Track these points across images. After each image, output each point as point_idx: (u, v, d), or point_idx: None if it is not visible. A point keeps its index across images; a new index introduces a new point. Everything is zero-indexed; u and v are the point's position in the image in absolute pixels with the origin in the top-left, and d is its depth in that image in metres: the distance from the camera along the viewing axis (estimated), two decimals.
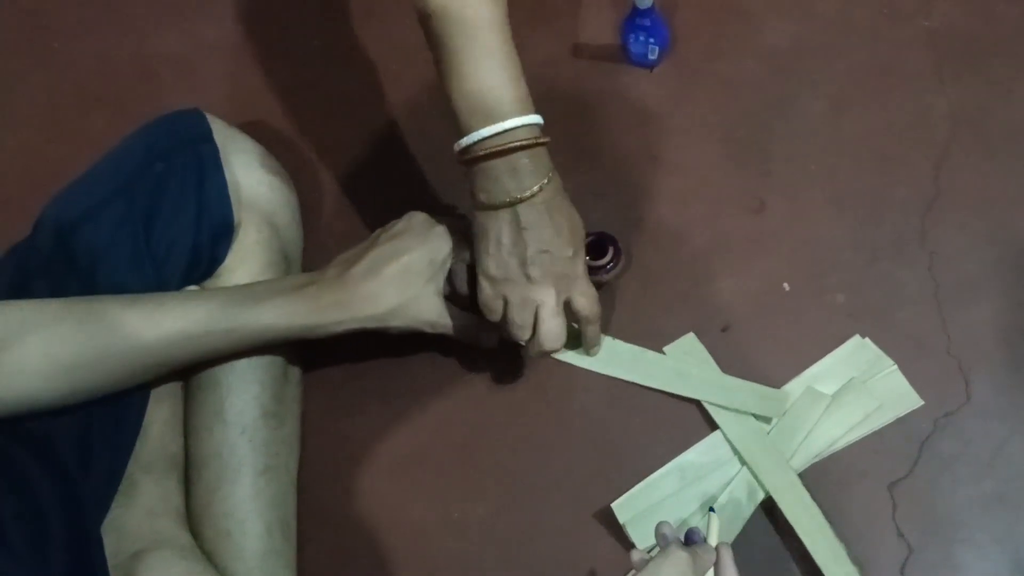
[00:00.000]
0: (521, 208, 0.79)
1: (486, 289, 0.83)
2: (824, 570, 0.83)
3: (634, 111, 1.04)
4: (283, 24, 1.14)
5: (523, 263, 0.80)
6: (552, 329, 0.83)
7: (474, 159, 0.78)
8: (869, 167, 0.99)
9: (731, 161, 1.00)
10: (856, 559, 0.83)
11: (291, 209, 0.95)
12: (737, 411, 0.89)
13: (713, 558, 0.75)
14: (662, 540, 0.75)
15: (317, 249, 0.98)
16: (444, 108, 0.79)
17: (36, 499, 0.77)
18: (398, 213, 0.89)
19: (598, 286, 0.94)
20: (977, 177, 0.97)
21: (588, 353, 0.92)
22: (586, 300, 0.85)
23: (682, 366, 0.92)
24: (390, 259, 0.85)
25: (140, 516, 0.82)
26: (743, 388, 0.91)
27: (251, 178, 0.91)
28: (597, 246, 0.94)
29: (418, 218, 0.88)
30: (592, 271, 0.93)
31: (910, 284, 0.94)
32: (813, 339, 0.92)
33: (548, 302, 0.82)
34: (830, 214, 0.97)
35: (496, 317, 0.84)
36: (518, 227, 0.79)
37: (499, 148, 0.77)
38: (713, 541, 0.79)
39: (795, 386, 0.91)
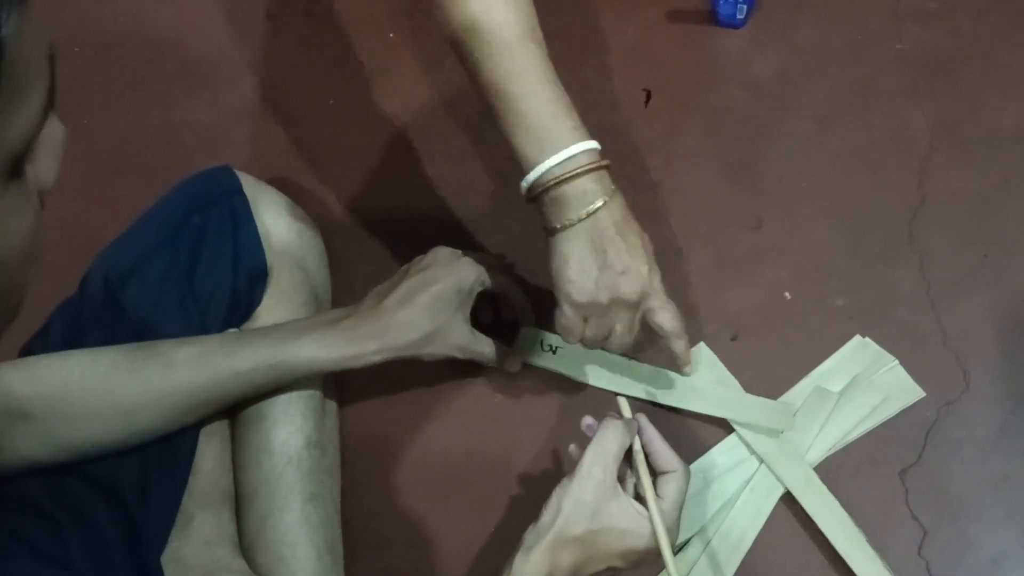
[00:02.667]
0: (595, 226, 0.82)
1: (568, 314, 0.84)
2: (845, 557, 0.88)
3: (633, 144, 1.11)
4: (299, 87, 1.22)
5: (606, 287, 0.82)
6: (622, 347, 0.87)
7: (543, 191, 0.82)
8: (857, 180, 1.06)
9: (727, 183, 1.07)
10: (875, 544, 0.88)
11: (319, 253, 1.02)
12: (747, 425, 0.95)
13: (636, 424, 0.81)
14: (589, 429, 0.82)
15: (344, 289, 1.04)
16: (486, 147, 0.85)
17: (101, 532, 0.82)
18: (415, 252, 0.96)
19: None
20: (957, 182, 1.04)
21: (681, 372, 0.92)
22: (668, 314, 0.86)
23: (697, 383, 0.98)
24: (421, 289, 0.90)
25: (197, 546, 0.87)
26: (752, 404, 0.96)
27: (280, 226, 0.98)
28: None
29: (443, 251, 0.94)
30: None
31: (903, 285, 1.00)
32: (817, 342, 0.98)
33: (624, 321, 0.85)
34: (824, 225, 1.04)
35: (575, 340, 0.86)
36: (595, 249, 0.82)
37: (567, 175, 0.81)
38: (627, 414, 0.83)
39: (804, 386, 0.97)
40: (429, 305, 0.90)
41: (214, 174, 0.98)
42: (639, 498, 0.79)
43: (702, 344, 1.00)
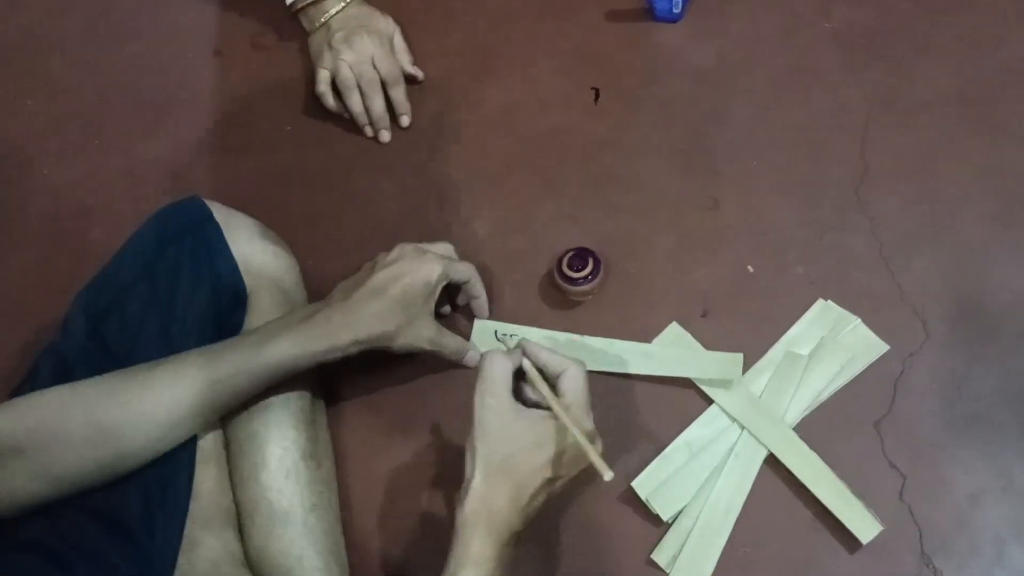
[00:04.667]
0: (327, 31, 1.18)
1: (320, 78, 1.19)
2: (831, 508, 0.91)
3: (587, 140, 1.15)
4: (255, 116, 1.24)
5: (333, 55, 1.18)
6: (387, 67, 1.21)
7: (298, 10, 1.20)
8: (803, 155, 1.11)
9: (681, 170, 1.12)
10: (857, 493, 0.92)
11: (294, 272, 1.04)
12: (700, 379, 0.99)
13: (519, 350, 0.86)
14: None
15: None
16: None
17: (110, 565, 0.83)
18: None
19: (584, 296, 1.05)
20: (897, 147, 1.10)
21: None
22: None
23: (649, 348, 1.02)
24: (391, 282, 0.93)
25: (205, 568, 0.88)
26: (701, 359, 1.00)
27: (255, 249, 1.00)
28: (578, 259, 1.04)
29: (408, 247, 0.97)
30: (576, 282, 1.03)
31: (858, 248, 1.05)
32: (783, 309, 1.02)
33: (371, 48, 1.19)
34: (777, 200, 1.09)
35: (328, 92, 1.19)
36: (328, 45, 1.18)
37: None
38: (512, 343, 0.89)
39: (775, 352, 1.01)
40: (399, 298, 0.93)
41: (184, 205, 1.00)
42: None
43: (674, 323, 1.03)
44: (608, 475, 0.78)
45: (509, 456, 0.80)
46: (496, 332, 1.04)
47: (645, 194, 1.11)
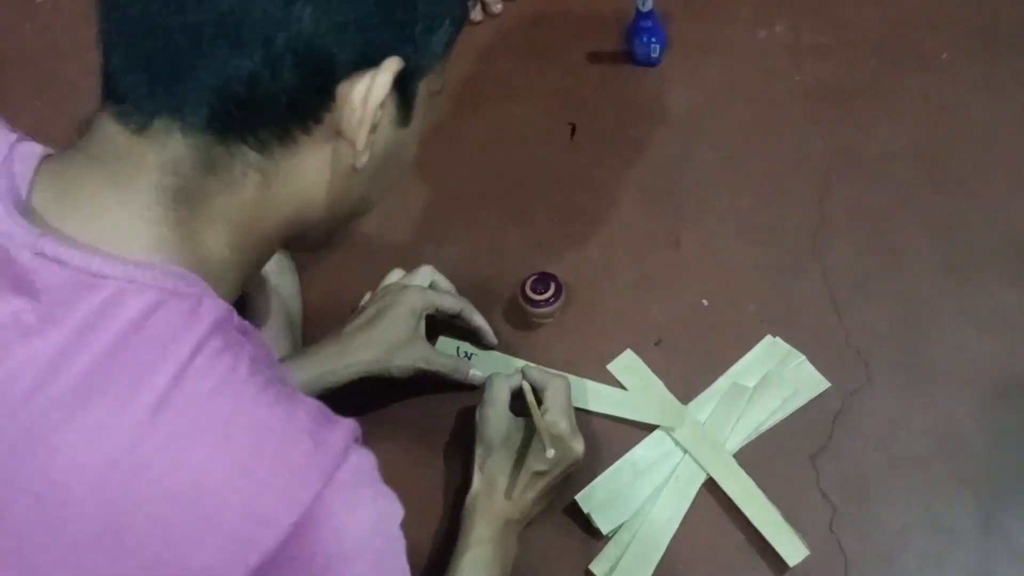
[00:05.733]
0: None
1: None
2: (763, 532, 0.96)
3: (560, 175, 1.21)
4: None
5: None
6: None
7: None
8: (764, 201, 1.16)
9: (647, 207, 1.18)
10: (789, 520, 0.96)
11: (293, 279, 1.11)
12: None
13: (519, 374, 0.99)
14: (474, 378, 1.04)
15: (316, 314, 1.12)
16: None
17: None
18: (371, 273, 1.08)
19: (545, 318, 1.10)
20: (854, 200, 1.15)
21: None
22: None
23: (601, 388, 1.07)
24: (377, 315, 1.02)
25: None
26: (648, 404, 1.05)
27: None
28: (541, 283, 1.09)
29: (394, 285, 1.06)
30: (538, 304, 1.08)
31: (809, 291, 1.10)
32: (732, 343, 1.07)
33: None
34: (736, 242, 1.14)
35: None
36: None
37: None
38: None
39: (721, 383, 1.05)
40: (384, 327, 1.01)
41: None
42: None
43: (629, 350, 1.09)
44: (550, 452, 0.91)
45: (502, 456, 0.95)
46: (458, 349, 1.09)
47: (611, 228, 1.16)
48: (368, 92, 0.59)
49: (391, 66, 0.59)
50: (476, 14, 1.33)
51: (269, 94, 0.56)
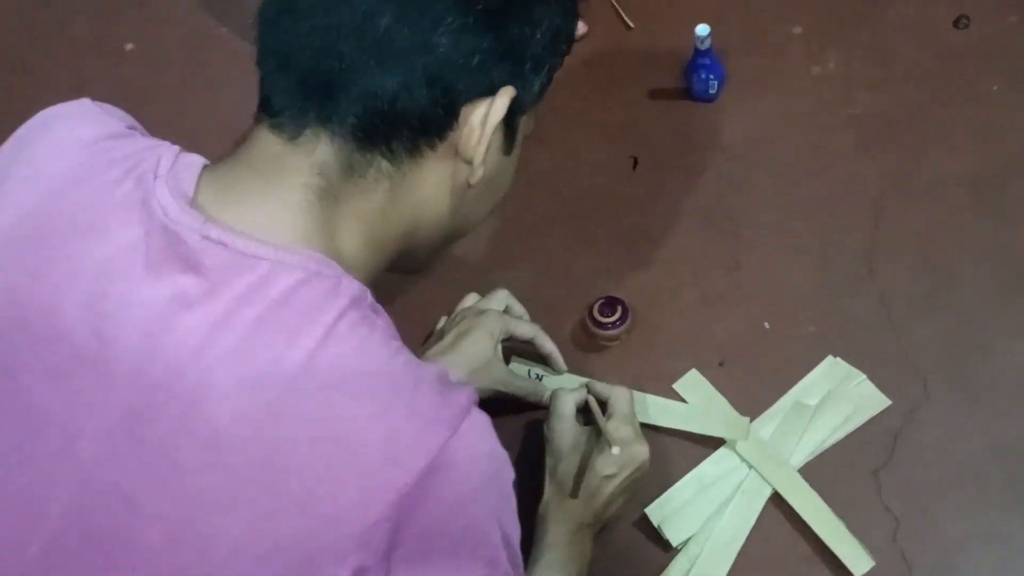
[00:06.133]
0: None
1: None
2: (830, 545, 1.00)
3: (623, 202, 1.27)
4: None
5: None
6: None
7: None
8: (820, 225, 1.21)
9: (707, 232, 1.23)
10: (854, 532, 1.00)
11: None
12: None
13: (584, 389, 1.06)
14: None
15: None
16: None
17: None
18: (447, 295, 1.15)
19: (612, 340, 1.15)
20: (907, 224, 1.20)
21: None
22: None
23: (666, 402, 1.11)
24: (457, 339, 1.07)
25: None
26: (713, 417, 1.09)
27: None
28: (608, 306, 1.14)
29: (472, 309, 1.11)
30: (605, 327, 1.14)
31: (867, 312, 1.14)
32: (794, 363, 1.12)
33: None
34: (794, 265, 1.19)
35: None
36: None
37: None
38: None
39: (784, 401, 1.10)
40: (464, 350, 1.06)
41: None
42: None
43: (694, 370, 1.13)
44: (615, 449, 0.96)
45: (572, 463, 1.00)
46: (529, 371, 1.14)
47: (673, 252, 1.22)
48: (487, 115, 0.68)
49: (507, 93, 0.68)
50: None
51: (405, 111, 0.65)
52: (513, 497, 0.67)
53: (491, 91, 0.68)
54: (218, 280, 0.61)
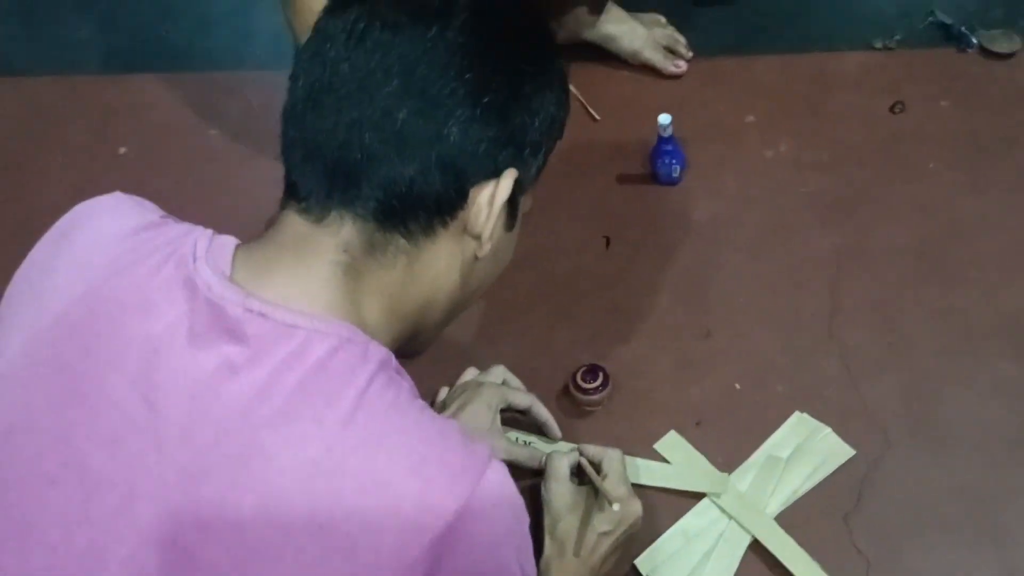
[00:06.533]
0: None
1: None
2: None
3: (599, 279, 1.36)
4: None
5: None
6: None
7: None
8: (783, 293, 1.31)
9: (679, 303, 1.32)
10: (831, 574, 1.07)
11: None
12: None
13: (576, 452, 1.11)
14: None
15: None
16: None
17: None
18: (442, 371, 1.22)
19: (594, 405, 1.23)
20: (862, 290, 1.30)
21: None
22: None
23: (651, 464, 1.19)
24: (460, 410, 1.14)
25: None
26: (695, 475, 1.17)
27: None
28: (590, 374, 1.23)
29: (471, 382, 1.19)
30: (588, 392, 1.22)
31: (829, 370, 1.24)
32: (765, 420, 1.20)
33: None
34: (761, 331, 1.28)
35: None
36: None
37: None
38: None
39: (757, 456, 1.18)
40: (465, 420, 1.13)
41: None
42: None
43: (672, 431, 1.21)
44: (616, 505, 1.02)
45: (570, 522, 1.05)
46: (516, 439, 1.21)
47: (648, 323, 1.31)
48: (494, 194, 0.76)
49: (511, 175, 0.76)
50: None
51: (422, 194, 0.73)
52: (530, 539, 0.73)
53: (496, 173, 0.76)
54: (260, 348, 0.67)
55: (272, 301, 0.69)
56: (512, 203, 0.79)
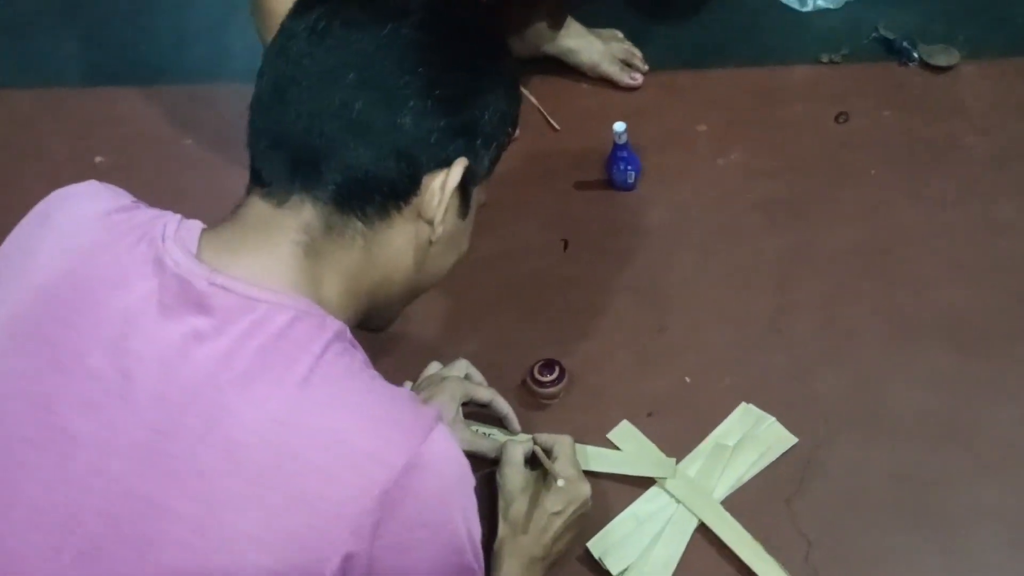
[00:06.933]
0: None
1: None
2: (752, 567, 1.12)
3: (559, 279, 1.43)
4: None
5: None
6: None
7: None
8: (733, 292, 1.38)
9: (635, 301, 1.39)
10: (773, 554, 1.13)
11: None
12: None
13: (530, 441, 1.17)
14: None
15: None
16: None
17: None
18: (409, 365, 1.27)
19: (551, 398, 1.29)
20: (807, 289, 1.37)
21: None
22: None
23: (603, 451, 1.25)
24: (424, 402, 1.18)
25: None
26: (643, 460, 1.23)
27: None
28: (547, 367, 1.29)
29: (435, 376, 1.24)
30: (544, 385, 1.28)
31: (775, 364, 1.30)
32: (713, 410, 1.26)
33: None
34: (712, 326, 1.35)
35: None
36: None
37: None
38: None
39: (706, 444, 1.24)
40: None
41: None
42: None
43: (625, 420, 1.27)
44: (560, 481, 1.07)
45: (522, 503, 1.11)
46: (477, 430, 1.26)
47: (605, 321, 1.37)
48: (445, 181, 0.82)
49: (461, 163, 0.82)
50: None
51: (377, 179, 0.79)
52: (475, 499, 0.79)
53: (448, 163, 0.82)
54: (224, 319, 0.73)
55: (237, 276, 0.75)
56: (465, 192, 0.85)
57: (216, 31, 1.88)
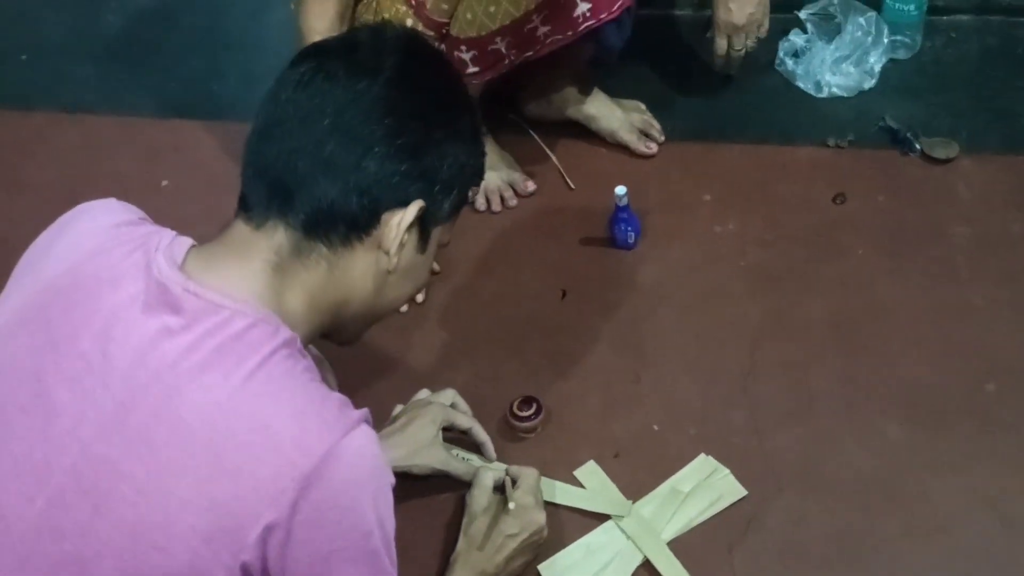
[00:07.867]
0: None
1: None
2: None
3: (549, 325, 1.55)
4: None
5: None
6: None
7: None
8: (708, 351, 1.48)
9: (616, 351, 1.50)
10: None
11: (333, 380, 1.42)
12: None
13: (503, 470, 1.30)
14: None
15: None
16: None
17: None
18: (401, 390, 1.39)
19: (528, 432, 1.41)
20: (778, 354, 1.47)
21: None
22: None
23: (566, 486, 1.35)
24: (406, 424, 1.32)
25: None
26: (601, 497, 1.34)
27: None
28: (526, 403, 1.40)
29: (422, 400, 1.37)
30: (522, 420, 1.39)
31: (738, 421, 1.39)
32: (674, 458, 1.36)
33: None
34: (684, 381, 1.45)
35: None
36: None
37: None
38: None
39: (663, 488, 1.34)
40: (410, 432, 1.32)
41: None
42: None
43: (592, 460, 1.38)
44: (512, 504, 1.21)
45: (482, 522, 1.23)
46: (457, 454, 1.38)
47: (586, 366, 1.48)
48: (401, 219, 0.94)
49: (416, 205, 0.94)
50: (496, 205, 1.70)
51: (341, 212, 0.92)
52: (390, 494, 0.90)
53: (406, 203, 0.94)
54: (192, 319, 0.86)
55: (208, 285, 0.88)
56: (424, 231, 0.97)
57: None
